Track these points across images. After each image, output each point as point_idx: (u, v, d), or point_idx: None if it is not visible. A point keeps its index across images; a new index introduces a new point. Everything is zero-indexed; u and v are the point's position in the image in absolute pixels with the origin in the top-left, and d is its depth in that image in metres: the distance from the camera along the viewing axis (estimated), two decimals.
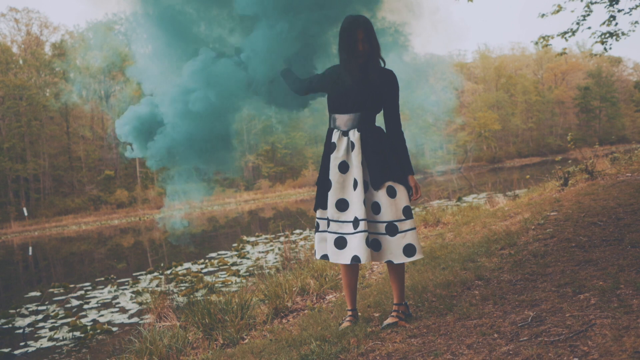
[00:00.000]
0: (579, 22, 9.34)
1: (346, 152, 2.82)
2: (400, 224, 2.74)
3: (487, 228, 5.57)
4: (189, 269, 10.57)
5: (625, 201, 4.92)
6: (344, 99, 2.84)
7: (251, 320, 4.13)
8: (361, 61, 2.79)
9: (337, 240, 2.80)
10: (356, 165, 2.78)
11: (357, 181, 2.76)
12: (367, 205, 2.76)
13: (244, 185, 44.64)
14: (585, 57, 61.55)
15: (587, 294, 2.58)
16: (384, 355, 2.39)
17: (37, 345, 6.34)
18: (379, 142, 2.83)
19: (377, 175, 2.77)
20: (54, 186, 39.42)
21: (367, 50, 2.77)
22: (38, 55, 40.90)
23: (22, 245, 23.92)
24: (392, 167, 2.79)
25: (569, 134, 9.68)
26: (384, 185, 2.76)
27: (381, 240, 2.77)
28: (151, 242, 19.29)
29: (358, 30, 2.75)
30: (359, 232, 2.71)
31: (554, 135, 61.13)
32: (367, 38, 2.76)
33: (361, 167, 2.78)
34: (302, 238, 11.53)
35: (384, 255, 2.77)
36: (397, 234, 2.73)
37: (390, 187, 2.76)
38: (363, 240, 2.69)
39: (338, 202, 2.81)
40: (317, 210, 2.96)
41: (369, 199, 2.78)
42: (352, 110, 2.83)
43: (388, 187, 2.76)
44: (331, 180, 2.84)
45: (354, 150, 2.80)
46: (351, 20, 2.79)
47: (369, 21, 2.82)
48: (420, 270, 4.13)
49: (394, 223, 2.74)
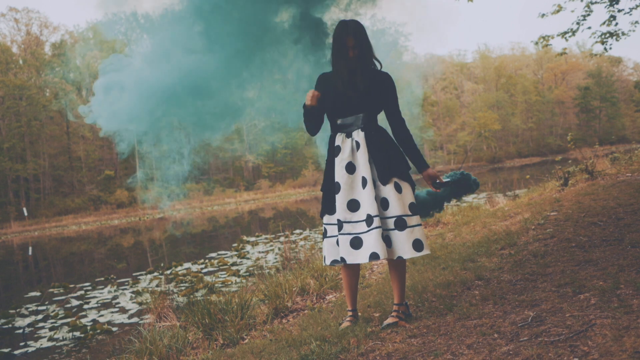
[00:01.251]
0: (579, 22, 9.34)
1: (351, 152, 2.85)
2: (409, 219, 2.78)
3: (487, 228, 5.57)
4: (189, 269, 10.57)
5: (625, 201, 4.92)
6: (344, 102, 2.87)
7: (251, 320, 4.13)
8: (353, 67, 2.83)
9: (353, 240, 2.80)
10: (363, 164, 2.81)
11: (365, 179, 2.79)
12: (377, 202, 2.79)
13: (244, 185, 44.65)
14: (585, 57, 61.57)
15: (587, 294, 2.58)
16: (384, 355, 2.39)
17: (37, 345, 6.34)
18: (383, 140, 2.88)
19: (385, 171, 2.81)
20: (54, 186, 39.43)
21: (356, 56, 2.82)
22: (38, 55, 40.90)
23: (22, 245, 23.93)
24: (397, 164, 2.85)
25: (569, 134, 9.68)
26: (391, 181, 2.80)
27: (391, 236, 2.78)
28: (151, 242, 19.29)
29: (348, 38, 2.80)
30: (374, 229, 2.72)
31: (554, 135, 61.15)
32: (358, 44, 2.80)
33: (368, 165, 2.81)
34: (302, 238, 11.54)
35: (395, 251, 2.79)
36: (406, 229, 2.76)
37: (396, 183, 2.81)
38: (379, 236, 2.71)
39: (349, 202, 2.83)
40: (324, 216, 2.96)
41: (377, 195, 2.81)
42: (355, 112, 2.87)
43: (395, 182, 2.81)
44: (339, 182, 2.86)
45: (360, 150, 2.83)
46: (342, 27, 2.83)
47: (360, 25, 2.85)
48: (420, 270, 4.13)
49: (403, 217, 2.77)
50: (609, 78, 62.84)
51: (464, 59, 66.39)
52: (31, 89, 37.94)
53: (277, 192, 41.49)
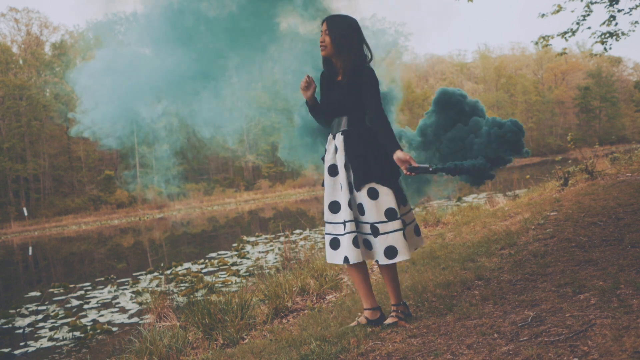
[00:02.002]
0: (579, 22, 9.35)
1: (333, 155, 2.87)
2: (382, 226, 2.74)
3: (487, 228, 5.57)
4: (189, 269, 10.57)
5: (625, 201, 4.92)
6: (329, 104, 2.91)
7: (251, 320, 4.13)
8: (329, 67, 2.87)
9: (332, 241, 2.85)
10: (340, 167, 2.82)
11: (342, 183, 2.82)
12: (353, 207, 2.79)
13: (244, 185, 44.65)
14: (585, 57, 61.53)
15: (587, 294, 2.58)
16: (384, 355, 2.39)
17: (37, 345, 6.34)
18: (364, 143, 2.81)
19: (359, 177, 2.78)
20: (54, 186, 39.42)
21: (332, 55, 2.83)
22: (38, 55, 40.90)
23: (22, 245, 23.92)
24: (374, 168, 2.78)
25: (569, 134, 9.69)
26: (364, 187, 2.77)
27: (370, 240, 2.80)
28: (151, 242, 19.29)
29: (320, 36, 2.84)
30: (347, 233, 2.76)
31: (554, 135, 61.12)
32: (332, 41, 2.79)
33: (344, 170, 2.81)
34: (302, 238, 11.54)
35: (374, 254, 2.80)
36: (379, 236, 2.74)
37: (371, 189, 2.76)
38: (350, 240, 2.74)
39: (331, 204, 2.87)
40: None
41: (355, 201, 2.81)
42: (337, 115, 2.88)
43: (369, 189, 2.76)
44: (324, 183, 2.91)
45: (338, 153, 2.85)
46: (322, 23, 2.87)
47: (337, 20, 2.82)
48: (420, 270, 4.13)
49: (375, 225, 2.75)
50: (609, 78, 62.80)
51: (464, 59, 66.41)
52: (31, 89, 37.94)
53: (277, 192, 41.49)
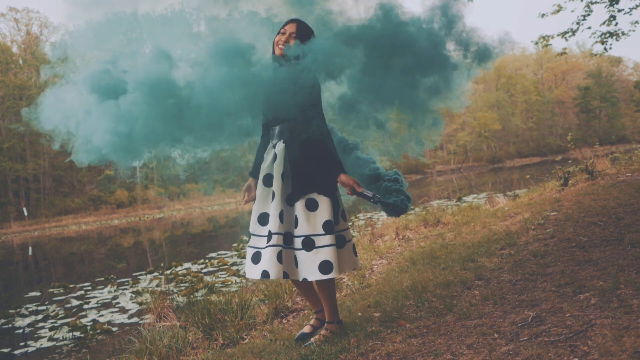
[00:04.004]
0: (579, 22, 9.36)
1: (271, 164, 2.72)
2: (317, 239, 2.60)
3: (487, 228, 5.57)
4: (189, 269, 10.56)
5: (625, 201, 4.92)
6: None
7: (251, 320, 4.13)
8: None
9: (254, 255, 2.68)
10: (277, 177, 2.66)
11: (274, 193, 2.66)
12: (285, 220, 2.64)
13: None
14: (585, 57, 61.58)
15: (587, 294, 2.58)
16: (384, 355, 2.39)
17: (37, 345, 6.34)
18: (305, 151, 2.65)
19: (299, 186, 2.65)
20: (54, 186, 39.42)
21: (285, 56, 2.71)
22: (38, 55, 40.90)
23: (22, 245, 23.92)
24: (315, 178, 2.64)
25: (569, 134, 9.70)
26: (302, 198, 2.63)
27: (298, 256, 2.63)
28: (151, 242, 19.29)
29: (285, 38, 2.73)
30: (270, 247, 2.59)
31: (554, 135, 61.15)
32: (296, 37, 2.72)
33: (281, 180, 2.66)
34: None
35: (301, 272, 2.63)
36: (313, 249, 2.59)
37: (310, 200, 2.63)
38: (274, 254, 2.57)
39: (260, 215, 2.71)
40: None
41: (290, 213, 2.67)
42: (279, 122, 2.73)
43: (308, 199, 2.63)
44: (257, 193, 2.74)
45: (276, 162, 2.69)
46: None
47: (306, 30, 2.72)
48: (420, 270, 4.13)
49: (311, 237, 2.60)
50: (609, 78, 62.82)
51: None
52: (31, 89, 37.93)
53: None
